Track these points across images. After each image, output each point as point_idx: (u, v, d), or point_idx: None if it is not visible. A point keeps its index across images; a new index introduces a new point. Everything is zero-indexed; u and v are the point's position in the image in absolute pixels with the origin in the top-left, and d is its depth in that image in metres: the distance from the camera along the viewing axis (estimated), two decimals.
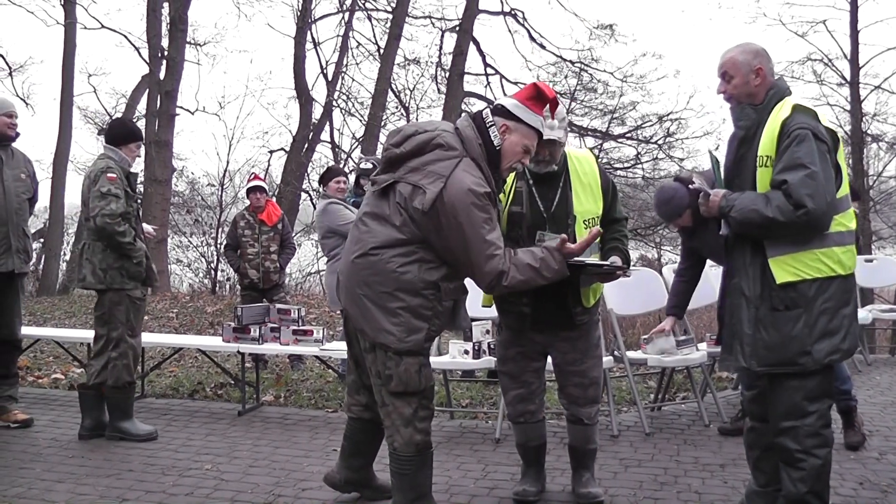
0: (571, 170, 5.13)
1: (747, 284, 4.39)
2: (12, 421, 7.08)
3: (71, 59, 23.77)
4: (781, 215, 4.16)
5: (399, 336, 4.53)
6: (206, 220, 22.00)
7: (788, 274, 4.28)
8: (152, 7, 22.21)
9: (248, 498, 5.41)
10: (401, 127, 4.83)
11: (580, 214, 5.05)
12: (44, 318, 15.74)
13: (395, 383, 4.60)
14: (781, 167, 4.21)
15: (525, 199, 5.09)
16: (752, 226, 4.29)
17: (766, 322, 4.32)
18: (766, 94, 4.44)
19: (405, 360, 4.58)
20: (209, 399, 8.45)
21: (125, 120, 14.07)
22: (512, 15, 26.91)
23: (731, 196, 4.37)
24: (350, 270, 4.67)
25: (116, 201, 6.62)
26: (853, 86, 23.48)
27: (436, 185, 4.41)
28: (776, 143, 4.26)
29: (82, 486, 5.64)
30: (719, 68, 4.51)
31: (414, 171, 4.52)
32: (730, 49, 4.52)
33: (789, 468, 4.36)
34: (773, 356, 4.32)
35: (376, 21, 26.38)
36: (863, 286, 11.62)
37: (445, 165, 4.46)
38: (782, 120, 4.28)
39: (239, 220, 10.68)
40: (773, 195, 4.21)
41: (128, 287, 6.78)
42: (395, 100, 26.14)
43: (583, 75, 26.80)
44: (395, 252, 4.51)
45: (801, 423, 4.32)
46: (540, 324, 5.15)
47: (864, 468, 5.89)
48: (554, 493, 5.47)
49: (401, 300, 4.51)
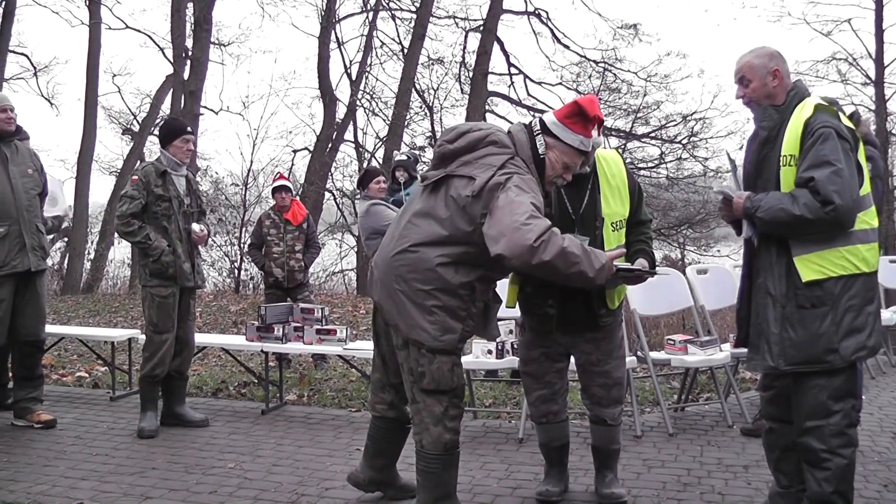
0: (600, 171, 5.13)
1: (773, 283, 4.38)
2: (36, 421, 7.09)
3: (95, 60, 23.92)
4: (809, 212, 4.17)
5: (434, 334, 4.56)
6: (230, 219, 22.03)
7: (814, 272, 4.28)
8: (177, 7, 22.33)
9: (271, 497, 5.42)
10: (455, 125, 4.89)
11: (608, 217, 5.06)
12: (68, 316, 15.83)
13: (427, 380, 4.63)
14: (807, 165, 4.22)
15: (554, 201, 5.08)
16: (779, 225, 4.28)
17: (794, 320, 4.32)
18: (787, 95, 4.46)
19: (438, 358, 4.60)
20: (233, 398, 8.48)
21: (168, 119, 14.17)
22: (536, 15, 26.94)
23: (756, 197, 4.36)
24: (388, 265, 4.69)
25: (129, 202, 6.98)
26: (878, 85, 23.40)
27: (486, 173, 4.47)
28: (800, 141, 4.28)
29: (106, 483, 5.67)
30: (736, 74, 4.56)
31: (466, 164, 4.59)
32: (744, 54, 4.56)
33: (814, 469, 4.34)
34: (800, 354, 4.31)
35: (400, 21, 26.47)
36: (886, 287, 11.55)
37: (497, 159, 4.54)
38: (805, 119, 4.30)
39: (264, 219, 10.70)
40: (799, 193, 4.21)
41: (151, 284, 7.04)
42: (419, 99, 26.20)
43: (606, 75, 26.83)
44: (437, 251, 4.56)
45: (825, 422, 4.31)
46: (565, 325, 5.14)
47: (888, 470, 5.85)
48: (577, 493, 5.46)
49: (437, 299, 4.55)
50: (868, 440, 6.58)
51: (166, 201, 7.03)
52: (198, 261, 7.35)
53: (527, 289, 5.21)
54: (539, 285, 5.09)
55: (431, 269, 4.55)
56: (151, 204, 7.01)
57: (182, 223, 7.12)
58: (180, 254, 7.05)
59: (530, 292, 5.19)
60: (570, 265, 4.29)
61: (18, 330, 7.08)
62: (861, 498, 5.26)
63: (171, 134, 7.25)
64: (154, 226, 7.01)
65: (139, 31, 28.60)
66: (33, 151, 7.45)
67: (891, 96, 23.74)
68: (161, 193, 7.00)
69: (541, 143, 4.66)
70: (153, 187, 6.99)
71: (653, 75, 26.35)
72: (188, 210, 7.22)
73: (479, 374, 8.21)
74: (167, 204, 7.04)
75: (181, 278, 7.06)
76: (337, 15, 25.96)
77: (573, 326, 5.15)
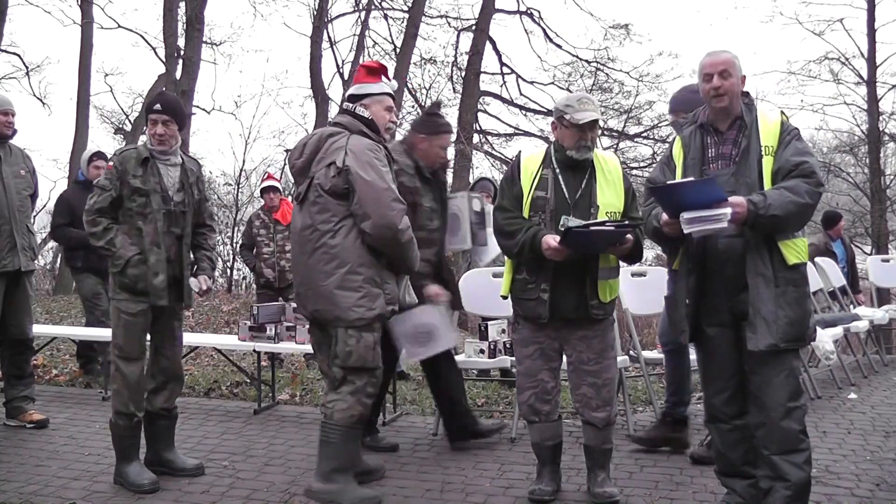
0: (598, 165, 5.24)
1: (762, 265, 4.50)
2: (28, 421, 7.09)
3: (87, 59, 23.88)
4: (811, 198, 4.43)
5: (368, 306, 5.05)
6: (222, 218, 22.05)
7: (794, 256, 4.53)
8: (169, 7, 22.24)
9: (263, 496, 5.41)
10: (297, 143, 5.49)
11: (603, 206, 5.12)
12: (60, 316, 15.80)
13: (354, 358, 5.06)
14: (793, 152, 4.54)
15: (550, 185, 5.19)
16: (790, 217, 4.43)
17: (790, 299, 4.50)
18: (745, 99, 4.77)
19: (364, 337, 5.07)
20: (225, 398, 8.47)
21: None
22: (528, 14, 26.99)
23: (757, 199, 4.40)
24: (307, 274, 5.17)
25: (98, 195, 5.70)
26: (870, 85, 23.45)
27: (339, 153, 5.08)
28: (779, 136, 4.60)
29: (98, 483, 5.66)
30: (717, 65, 4.66)
31: (321, 160, 5.15)
32: (719, 51, 4.75)
33: (792, 454, 4.51)
34: (793, 332, 4.49)
35: (392, 20, 26.51)
36: (879, 286, 11.59)
37: (341, 141, 5.13)
38: (780, 119, 4.68)
39: (254, 219, 10.71)
40: (792, 184, 4.44)
41: (119, 298, 5.71)
42: (412, 99, 26.18)
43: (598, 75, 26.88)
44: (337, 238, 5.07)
45: (800, 403, 4.59)
46: (557, 313, 5.17)
47: (880, 469, 5.86)
48: (569, 492, 5.46)
49: (357, 273, 5.05)
50: (860, 439, 6.60)
51: (143, 196, 5.63)
52: (186, 273, 5.82)
53: (520, 274, 5.27)
54: (532, 270, 5.19)
55: (339, 252, 5.04)
56: (126, 198, 5.64)
57: (164, 225, 5.68)
58: (153, 264, 5.63)
59: (523, 278, 5.25)
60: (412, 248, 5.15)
61: (8, 329, 7.10)
62: (854, 496, 5.28)
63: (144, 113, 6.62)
64: (128, 226, 5.67)
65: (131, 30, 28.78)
66: (26, 153, 7.44)
67: (883, 95, 23.82)
68: (138, 186, 5.62)
69: (360, 109, 5.28)
70: (129, 177, 5.62)
71: (645, 75, 26.45)
72: (176, 209, 5.77)
73: (471, 373, 8.21)
74: (144, 199, 5.64)
75: (153, 295, 5.64)
76: (329, 14, 25.96)
77: (565, 314, 5.17)
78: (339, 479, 5.06)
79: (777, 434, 4.51)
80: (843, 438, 6.65)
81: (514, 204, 5.26)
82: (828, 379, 8.68)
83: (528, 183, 5.23)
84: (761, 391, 4.57)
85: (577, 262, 5.06)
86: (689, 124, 4.90)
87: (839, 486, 5.51)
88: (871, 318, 9.61)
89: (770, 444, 4.53)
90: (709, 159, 4.74)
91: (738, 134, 4.70)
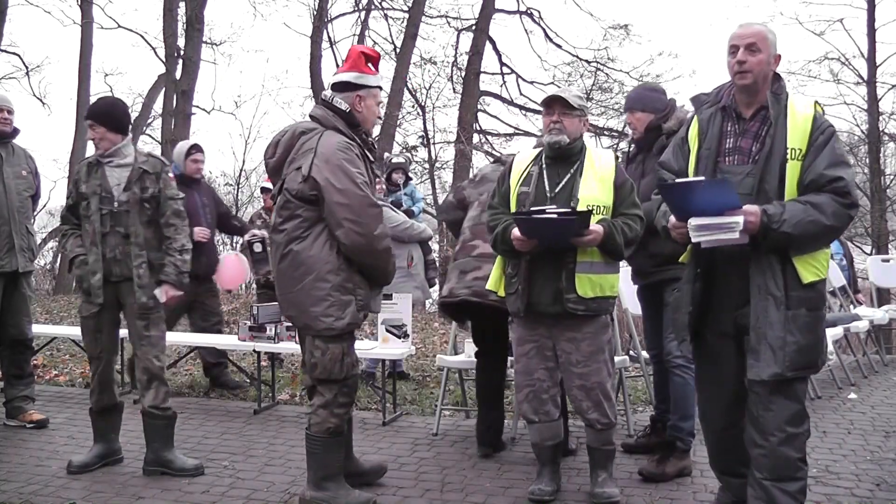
0: (587, 160, 5.22)
1: (774, 284, 4.06)
2: (28, 421, 7.10)
3: (87, 59, 23.86)
4: (838, 221, 4.01)
5: (336, 315, 4.97)
6: None
7: (811, 274, 4.08)
8: (169, 7, 22.24)
9: (263, 496, 5.41)
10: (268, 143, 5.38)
11: (584, 199, 5.05)
12: (60, 316, 15.78)
13: (319, 371, 5.06)
14: (828, 163, 4.02)
15: (533, 181, 5.22)
16: (808, 238, 4.00)
17: (801, 324, 4.05)
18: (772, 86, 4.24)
19: (331, 348, 5.03)
20: (225, 398, 8.46)
21: None
22: (528, 14, 26.97)
23: (773, 211, 3.97)
24: (279, 279, 5.17)
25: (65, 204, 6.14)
26: (870, 85, 23.43)
27: (308, 156, 4.94)
28: (808, 137, 4.07)
29: (98, 483, 5.66)
30: (743, 37, 4.17)
31: (292, 161, 5.05)
32: (754, 23, 4.24)
33: (786, 482, 4.13)
34: (803, 359, 4.08)
35: (392, 20, 26.48)
36: (879, 286, 11.59)
37: (312, 141, 4.99)
38: (811, 115, 4.12)
39: (255, 219, 10.66)
40: (821, 201, 3.99)
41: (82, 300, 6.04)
42: (411, 99, 26.15)
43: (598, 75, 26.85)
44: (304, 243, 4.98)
45: (802, 429, 4.18)
46: (533, 307, 5.16)
47: (880, 469, 5.86)
48: (570, 492, 5.45)
49: (326, 281, 4.95)
50: (860, 439, 6.60)
51: (86, 199, 5.89)
52: (141, 272, 5.83)
53: (507, 270, 5.31)
54: (514, 264, 5.23)
55: (306, 259, 4.97)
56: (79, 204, 5.95)
57: (105, 225, 5.83)
58: (91, 264, 5.83)
59: (508, 272, 5.30)
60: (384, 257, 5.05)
61: (7, 329, 7.11)
62: (853, 497, 5.28)
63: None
64: (82, 229, 5.96)
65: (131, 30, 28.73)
66: (28, 153, 7.42)
67: (883, 95, 23.77)
68: (83, 191, 5.91)
69: (338, 101, 5.10)
70: (81, 184, 5.94)
71: (645, 75, 26.38)
72: (121, 209, 5.85)
73: (470, 373, 8.21)
74: (86, 202, 5.89)
75: (92, 294, 5.84)
76: (329, 14, 25.92)
77: (541, 307, 5.14)
78: (330, 486, 5.08)
79: (773, 460, 4.12)
80: (843, 438, 6.65)
81: (501, 201, 5.33)
82: (828, 379, 8.67)
83: (516, 180, 5.30)
84: (760, 413, 4.15)
85: (551, 255, 5.03)
86: (711, 104, 4.42)
87: (839, 486, 5.51)
88: (871, 318, 9.62)
89: (764, 469, 4.14)
90: (725, 151, 4.27)
91: (761, 126, 4.19)
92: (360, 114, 5.15)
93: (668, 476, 5.61)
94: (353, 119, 5.10)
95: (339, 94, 5.13)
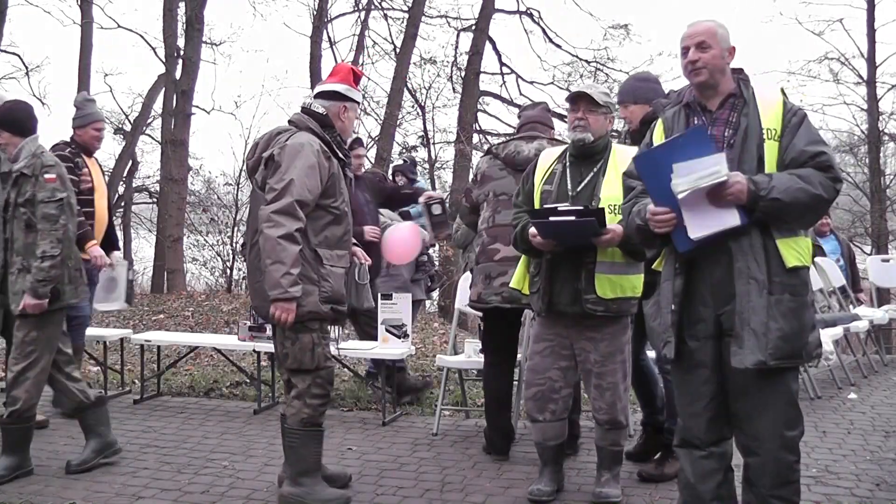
0: (611, 159, 5.19)
1: (756, 267, 3.90)
2: None
3: (87, 59, 23.80)
4: (825, 192, 3.88)
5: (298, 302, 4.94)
6: (223, 219, 22.01)
7: (795, 258, 3.93)
8: (168, 7, 22.24)
9: (263, 496, 5.42)
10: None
11: (605, 198, 5.03)
12: None
13: (290, 361, 5.14)
14: (807, 140, 3.96)
15: (556, 179, 5.21)
16: (797, 206, 3.86)
17: (784, 309, 3.89)
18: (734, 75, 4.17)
19: (300, 339, 5.08)
20: (225, 398, 8.46)
21: None
22: (528, 14, 26.91)
23: (760, 179, 3.87)
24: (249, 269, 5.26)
25: None
26: (870, 85, 23.47)
27: (279, 145, 5.07)
28: (781, 118, 4.01)
29: (98, 483, 5.66)
30: (692, 36, 4.11)
31: (269, 159, 5.09)
32: (703, 20, 4.17)
33: (781, 488, 3.99)
34: (787, 347, 3.89)
35: (392, 20, 26.41)
36: (879, 286, 11.58)
37: (285, 137, 5.13)
38: (782, 99, 4.09)
39: None
40: (807, 173, 3.88)
41: None
42: (411, 99, 26.13)
43: (598, 75, 26.77)
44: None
45: (798, 431, 4.04)
46: (553, 306, 5.15)
47: (880, 469, 5.86)
48: (570, 492, 5.45)
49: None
50: (860, 439, 6.61)
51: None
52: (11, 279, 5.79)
53: (530, 269, 5.31)
54: (536, 263, 5.22)
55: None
56: None
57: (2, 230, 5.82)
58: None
59: (532, 271, 5.29)
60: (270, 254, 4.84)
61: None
62: (853, 497, 5.29)
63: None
64: None
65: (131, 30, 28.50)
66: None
67: (882, 95, 23.82)
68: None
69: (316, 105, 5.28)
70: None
71: None
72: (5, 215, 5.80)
73: (470, 373, 8.21)
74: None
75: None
76: (329, 14, 25.87)
77: (561, 307, 5.13)
78: (307, 482, 5.13)
79: (771, 468, 3.97)
80: (843, 438, 6.65)
81: (525, 199, 5.31)
82: (828, 379, 8.68)
83: (540, 177, 5.29)
84: (753, 418, 4.00)
85: (571, 254, 5.01)
86: (673, 104, 4.34)
87: (839, 486, 5.51)
88: (871, 318, 9.61)
89: (762, 479, 3.99)
90: None
91: (730, 113, 4.10)
92: (342, 123, 5.35)
93: (667, 476, 5.61)
94: (327, 121, 5.26)
95: (321, 101, 5.33)
